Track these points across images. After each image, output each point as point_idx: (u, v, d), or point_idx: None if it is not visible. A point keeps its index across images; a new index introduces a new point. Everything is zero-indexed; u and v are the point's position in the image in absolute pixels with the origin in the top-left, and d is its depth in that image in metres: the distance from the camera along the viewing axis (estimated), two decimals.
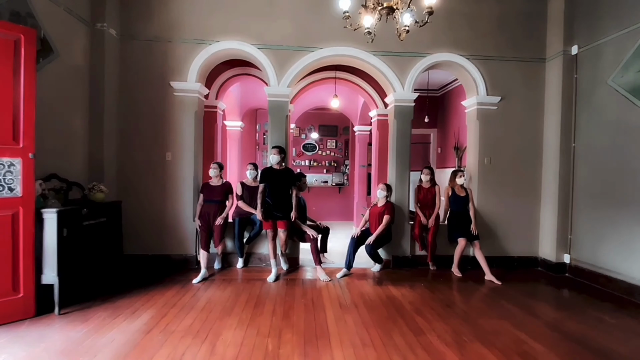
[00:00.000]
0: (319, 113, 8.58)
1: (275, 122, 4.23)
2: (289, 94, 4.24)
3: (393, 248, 4.39)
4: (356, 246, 4.14)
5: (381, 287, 3.72)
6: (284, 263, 4.20)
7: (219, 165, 4.12)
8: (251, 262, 4.32)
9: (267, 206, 3.88)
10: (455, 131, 7.07)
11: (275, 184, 3.88)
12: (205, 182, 4.17)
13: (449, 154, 7.38)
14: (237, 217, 4.17)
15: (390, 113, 4.58)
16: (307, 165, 8.65)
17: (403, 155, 4.42)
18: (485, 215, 4.53)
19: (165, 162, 4.16)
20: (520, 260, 4.60)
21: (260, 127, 8.31)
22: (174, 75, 4.15)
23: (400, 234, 4.41)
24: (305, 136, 8.93)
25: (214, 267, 4.19)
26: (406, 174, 4.43)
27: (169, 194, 4.16)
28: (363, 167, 7.25)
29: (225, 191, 4.10)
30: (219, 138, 5.24)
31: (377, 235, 4.08)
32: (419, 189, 4.48)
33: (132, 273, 3.94)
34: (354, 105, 7.17)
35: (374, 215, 4.24)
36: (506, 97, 4.53)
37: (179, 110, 4.16)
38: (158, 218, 4.15)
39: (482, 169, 4.52)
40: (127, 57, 4.11)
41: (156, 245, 4.16)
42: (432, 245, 4.31)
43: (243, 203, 4.19)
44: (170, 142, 4.16)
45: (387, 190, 4.26)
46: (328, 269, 4.20)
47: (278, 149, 3.94)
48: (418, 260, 4.47)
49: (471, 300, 3.41)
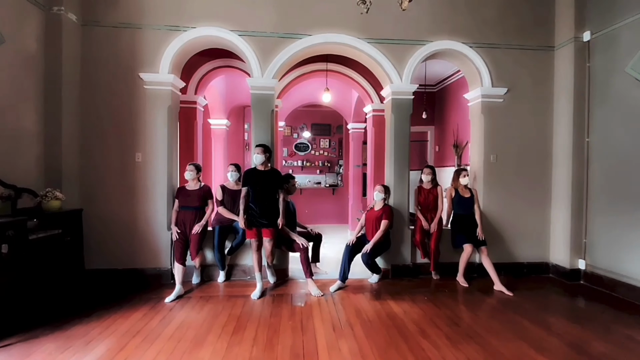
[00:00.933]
0: (311, 110, 8.15)
1: (260, 118, 3.78)
2: (274, 86, 3.80)
3: (392, 256, 3.97)
4: (351, 255, 3.71)
5: (380, 301, 3.29)
6: (270, 276, 3.76)
7: (195, 167, 3.66)
8: (234, 275, 3.87)
9: (251, 212, 3.44)
10: (454, 128, 6.70)
11: (259, 187, 3.43)
12: (181, 187, 3.71)
13: (447, 153, 7.00)
14: (218, 224, 3.71)
15: (387, 107, 4.17)
16: (300, 166, 8.24)
17: (402, 154, 4.01)
18: (492, 218, 4.14)
19: (135, 164, 3.68)
20: (530, 267, 4.22)
21: (249, 125, 7.85)
22: (143, 66, 3.67)
23: (399, 240, 3.99)
24: (297, 135, 8.52)
25: (192, 282, 3.72)
26: (405, 174, 4.02)
27: (139, 200, 3.69)
28: (358, 167, 6.84)
29: (203, 196, 3.64)
30: (199, 137, 4.77)
31: (374, 243, 3.66)
32: (420, 191, 4.07)
33: (97, 291, 3.45)
34: (347, 101, 6.75)
35: (370, 220, 3.82)
36: (513, 88, 4.15)
37: (150, 105, 3.69)
38: (127, 227, 3.68)
39: (488, 167, 4.13)
40: (90, 45, 3.63)
41: (126, 259, 3.68)
42: (435, 252, 3.90)
43: (224, 209, 3.73)
44: (141, 141, 3.69)
45: (384, 193, 3.84)
46: (320, 282, 3.76)
47: (262, 148, 3.50)
48: (420, 269, 4.06)
49: (482, 316, 3.01)
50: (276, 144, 4.97)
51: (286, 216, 3.63)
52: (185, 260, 3.50)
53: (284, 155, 8.33)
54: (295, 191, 3.89)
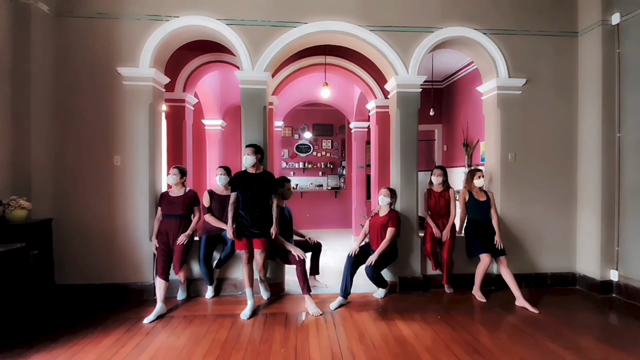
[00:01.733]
0: (311, 110, 7.80)
1: (250, 115, 3.42)
2: (266, 80, 3.42)
3: (400, 267, 3.57)
4: (354, 267, 3.31)
5: (387, 321, 2.89)
6: (264, 291, 3.37)
7: (179, 171, 3.31)
8: (224, 289, 3.49)
9: (241, 220, 3.07)
10: (463, 126, 6.28)
11: (250, 192, 3.06)
12: (164, 193, 3.35)
13: (456, 152, 6.58)
14: (205, 234, 3.34)
15: (392, 102, 3.77)
16: (302, 168, 7.89)
17: (409, 153, 3.61)
18: (510, 223, 3.71)
19: (114, 168, 3.33)
20: (555, 278, 3.78)
21: None
22: (122, 59, 3.33)
23: (408, 250, 3.59)
24: (298, 136, 8.17)
25: (177, 298, 3.36)
26: (413, 175, 3.62)
27: (118, 207, 3.34)
28: (361, 169, 6.45)
29: (188, 203, 3.28)
30: (188, 138, 4.42)
31: (379, 253, 3.26)
32: (429, 194, 3.66)
33: (69, 310, 3.10)
34: (349, 98, 6.37)
35: (375, 228, 3.42)
36: (532, 79, 3.73)
37: (130, 103, 3.35)
38: (106, 238, 3.33)
39: (505, 167, 3.71)
40: (63, 38, 3.30)
41: (104, 273, 3.33)
42: (448, 263, 3.49)
43: (212, 217, 3.36)
44: (120, 142, 3.34)
45: (390, 196, 3.45)
46: (320, 297, 3.37)
47: (253, 148, 3.13)
48: (430, 281, 3.65)
49: (506, 340, 2.59)
50: (271, 145, 4.62)
51: (281, 224, 3.25)
52: (168, 275, 3.14)
53: (285, 157, 8.00)
54: (290, 196, 3.51)
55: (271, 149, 4.61)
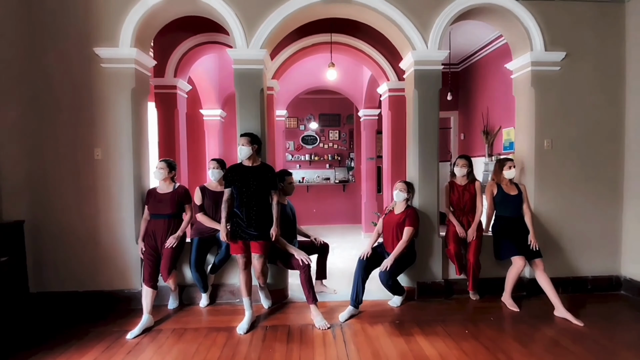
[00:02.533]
0: (317, 99, 7.36)
1: (245, 99, 2.99)
2: (262, 58, 2.98)
3: (418, 271, 3.14)
4: (366, 272, 2.90)
5: (405, 337, 2.48)
6: (264, 299, 3.00)
7: (167, 164, 2.92)
8: (220, 297, 3.13)
9: (236, 221, 2.68)
10: (483, 112, 5.75)
11: (246, 188, 2.67)
12: (151, 190, 2.98)
13: (475, 141, 6.06)
14: (197, 236, 2.97)
15: (409, 82, 3.29)
16: (308, 160, 7.49)
17: (428, 141, 3.14)
18: (545, 220, 3.24)
19: (94, 162, 2.97)
20: (596, 282, 3.31)
21: None
22: (100, 39, 2.93)
23: (427, 251, 3.16)
24: (304, 127, 7.75)
25: (168, 306, 3.01)
26: (434, 166, 3.16)
27: (101, 206, 2.98)
28: (371, 160, 5.99)
29: (178, 200, 2.90)
30: (181, 128, 4.02)
31: (395, 257, 2.84)
32: (452, 188, 3.21)
33: (47, 321, 2.78)
34: (357, 83, 5.87)
35: (389, 227, 3.00)
36: (572, 53, 3.20)
37: (110, 88, 2.96)
38: (88, 241, 2.98)
39: (540, 156, 3.22)
40: (32, 14, 2.91)
41: (87, 279, 3.00)
42: (474, 267, 3.04)
43: (204, 216, 2.98)
44: (100, 133, 2.96)
45: (407, 191, 3.01)
46: (327, 305, 2.99)
47: (248, 138, 2.72)
48: (453, 286, 3.22)
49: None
50: (272, 135, 4.20)
51: (282, 223, 2.86)
52: (157, 282, 2.78)
53: (290, 149, 7.60)
54: (293, 191, 3.10)
55: (272, 140, 4.19)
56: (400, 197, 2.99)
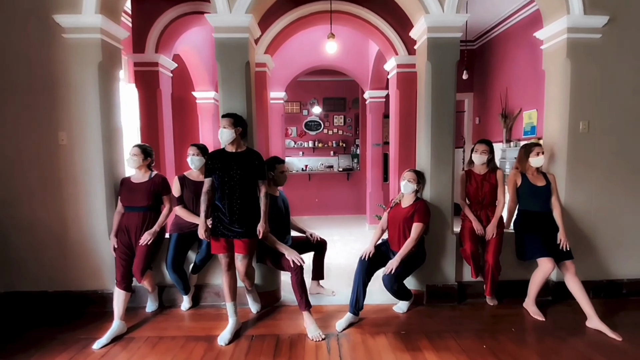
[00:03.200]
0: (321, 82, 6.94)
1: (229, 74, 2.58)
2: (248, 25, 2.54)
3: (428, 273, 2.76)
4: (368, 274, 2.53)
5: (412, 352, 2.12)
6: (252, 303, 2.66)
7: (142, 150, 2.56)
8: (204, 298, 2.80)
9: (217, 215, 2.33)
10: (501, 93, 5.22)
11: (228, 177, 2.30)
12: (125, 179, 2.63)
13: (492, 125, 5.56)
14: (177, 231, 2.62)
15: (421, 53, 2.81)
16: (312, 147, 7.11)
17: (444, 122, 2.70)
18: (576, 216, 2.80)
19: (59, 147, 2.62)
20: (632, 286, 2.88)
21: None
22: (60, 5, 2.53)
23: (439, 250, 2.76)
24: (307, 112, 7.33)
25: (146, 309, 2.70)
26: (449, 153, 2.73)
27: (69, 197, 2.65)
28: (377, 147, 5.55)
29: (154, 191, 2.55)
30: (165, 111, 3.64)
31: (402, 257, 2.46)
32: (469, 177, 2.78)
33: (14, 323, 2.50)
34: (362, 61, 5.37)
35: (395, 222, 2.60)
36: (616, 17, 2.68)
37: (74, 63, 2.57)
38: (57, 236, 2.67)
39: (574, 140, 2.75)
40: None
41: (58, 278, 2.70)
42: (493, 269, 2.64)
43: (183, 209, 2.62)
44: (64, 115, 2.60)
45: (416, 182, 2.60)
46: (325, 310, 2.64)
47: (231, 119, 2.33)
48: (466, 289, 2.83)
49: None
50: (264, 118, 3.78)
51: (274, 217, 2.49)
52: (130, 283, 2.46)
53: (293, 135, 7.21)
54: (285, 181, 2.71)
55: (265, 124, 3.78)
56: (409, 189, 2.58)
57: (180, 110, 5.32)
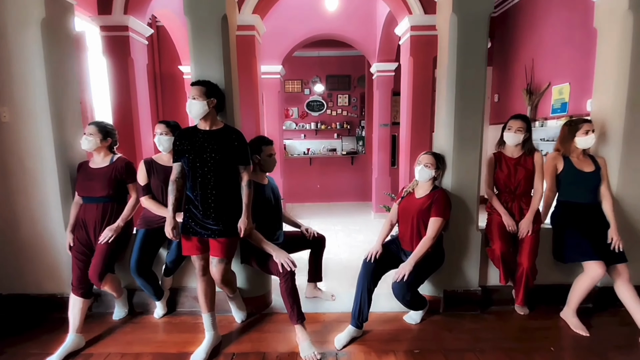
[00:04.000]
0: (324, 59, 6.42)
1: (200, 32, 2.05)
2: None
3: (445, 276, 2.30)
4: (374, 278, 2.08)
5: None
6: (236, 311, 2.24)
7: (99, 129, 2.10)
8: (181, 303, 2.39)
9: (189, 209, 1.88)
10: (526, 66, 4.62)
11: (201, 161, 1.84)
12: (83, 163, 2.20)
13: (513, 103, 4.99)
14: (144, 227, 2.19)
15: (444, 5, 2.24)
16: (314, 129, 6.61)
17: (471, 93, 2.17)
18: (631, 210, 2.29)
19: (1, 126, 2.17)
20: None
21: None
22: None
23: (460, 250, 2.29)
24: (309, 91, 6.79)
25: (113, 317, 2.30)
26: (477, 130, 2.21)
27: (17, 185, 2.22)
28: (385, 127, 5.02)
29: (115, 178, 2.11)
30: (139, 84, 3.13)
31: (417, 260, 2.00)
32: (498, 161, 2.28)
33: None
34: (370, 28, 4.75)
35: (408, 215, 2.14)
36: None
37: (11, 22, 2.08)
38: (6, 231, 2.26)
39: (632, 116, 2.21)
40: None
41: (13, 279, 2.31)
42: (528, 274, 2.16)
43: (151, 200, 2.18)
44: (4, 85, 2.13)
45: (435, 167, 2.11)
46: (322, 320, 2.23)
47: (202, 88, 1.85)
48: (491, 294, 2.38)
49: None
50: (253, 92, 3.26)
51: (260, 211, 2.05)
52: (90, 288, 2.06)
53: (294, 116, 6.71)
54: (274, 166, 2.23)
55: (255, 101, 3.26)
56: (426, 175, 2.10)
57: (168, 88, 4.83)
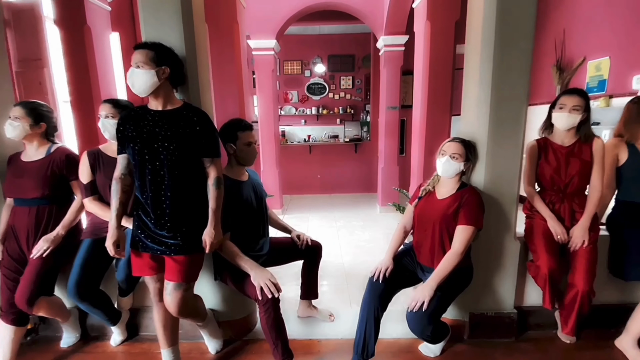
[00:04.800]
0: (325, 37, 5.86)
1: None
2: None
3: (472, 296, 1.82)
4: (382, 302, 1.61)
5: None
6: (209, 340, 1.79)
7: (28, 111, 1.64)
8: (144, 326, 1.95)
9: (137, 215, 1.42)
10: (556, 39, 4.01)
11: (150, 153, 1.36)
12: (14, 155, 1.73)
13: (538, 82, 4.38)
14: (91, 236, 1.73)
15: None
16: (315, 114, 6.09)
17: (515, 61, 1.66)
18: None
19: None
20: None
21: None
22: None
23: (493, 263, 1.81)
24: (309, 73, 6.22)
25: (61, 344, 1.88)
26: (519, 112, 1.68)
27: None
28: (393, 110, 4.48)
29: (52, 173, 1.67)
30: (100, 59, 2.60)
31: (440, 281, 1.52)
32: (543, 151, 1.76)
33: None
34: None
35: (427, 221, 1.65)
36: None
37: None
38: None
39: None
40: None
41: None
42: (584, 296, 1.66)
43: (95, 201, 1.70)
44: None
45: (464, 157, 1.61)
46: (317, 349, 1.79)
47: (149, 52, 1.36)
48: (527, 317, 1.91)
49: None
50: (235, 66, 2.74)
51: (237, 216, 1.58)
52: (21, 312, 1.63)
53: (294, 100, 6.20)
54: (254, 157, 1.74)
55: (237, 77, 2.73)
56: (452, 170, 1.60)
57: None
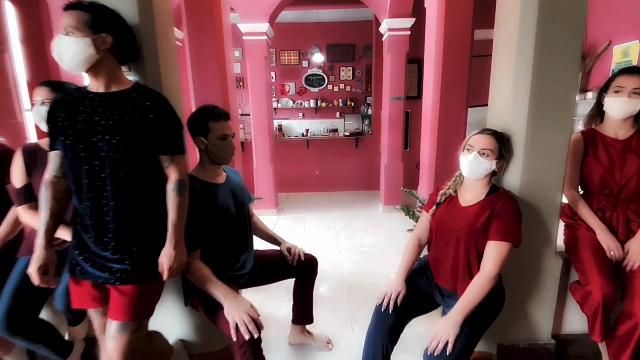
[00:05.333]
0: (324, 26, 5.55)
1: None
2: None
3: (501, 324, 1.50)
4: (392, 335, 1.28)
5: None
6: None
7: None
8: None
9: (76, 230, 1.08)
10: None
11: (88, 150, 1.02)
12: None
13: None
14: (29, 253, 1.38)
15: None
16: (314, 107, 5.78)
17: (562, 39, 1.30)
18: None
19: None
20: None
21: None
22: None
23: (528, 285, 1.48)
24: (307, 63, 5.88)
25: None
26: (568, 100, 1.34)
27: None
28: (397, 101, 4.14)
29: None
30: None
31: (468, 313, 1.19)
32: (591, 145, 1.42)
33: None
34: None
35: (450, 234, 1.31)
36: None
37: None
38: None
39: None
40: None
41: None
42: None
43: (29, 211, 1.36)
44: None
45: (497, 154, 1.26)
46: None
47: (84, 15, 1.01)
48: (566, 346, 1.59)
49: None
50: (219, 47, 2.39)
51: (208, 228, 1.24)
52: None
53: (291, 92, 5.88)
54: (231, 155, 1.39)
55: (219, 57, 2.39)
56: (481, 169, 1.26)
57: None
